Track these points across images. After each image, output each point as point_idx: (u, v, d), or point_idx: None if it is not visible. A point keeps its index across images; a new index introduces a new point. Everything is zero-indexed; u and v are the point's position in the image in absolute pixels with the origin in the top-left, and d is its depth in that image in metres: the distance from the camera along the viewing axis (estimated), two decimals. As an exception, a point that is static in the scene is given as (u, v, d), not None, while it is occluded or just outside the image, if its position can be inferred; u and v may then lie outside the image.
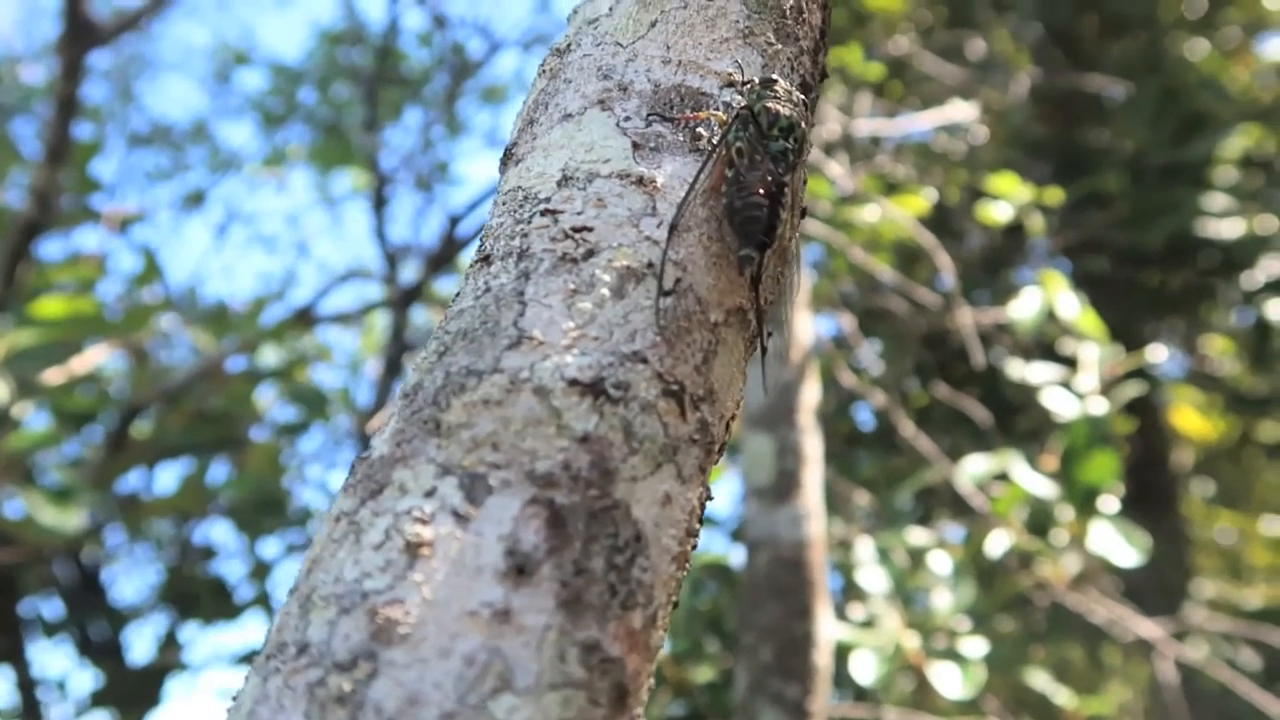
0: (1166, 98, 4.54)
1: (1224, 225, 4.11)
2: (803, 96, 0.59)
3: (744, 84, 0.59)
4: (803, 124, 0.58)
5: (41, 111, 5.69)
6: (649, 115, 0.58)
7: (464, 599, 0.43)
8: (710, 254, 0.55)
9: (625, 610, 0.45)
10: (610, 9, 0.63)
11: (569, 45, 0.63)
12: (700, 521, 0.52)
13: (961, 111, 3.56)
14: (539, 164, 0.58)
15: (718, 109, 0.59)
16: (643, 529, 0.47)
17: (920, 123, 3.51)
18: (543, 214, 0.55)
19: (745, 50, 0.61)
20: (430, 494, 0.46)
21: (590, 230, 0.53)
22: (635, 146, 0.57)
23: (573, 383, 0.48)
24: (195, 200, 6.38)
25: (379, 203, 5.93)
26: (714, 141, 0.58)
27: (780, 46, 0.62)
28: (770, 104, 0.57)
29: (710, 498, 0.54)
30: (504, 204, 0.58)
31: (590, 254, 0.53)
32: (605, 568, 0.45)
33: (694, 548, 0.52)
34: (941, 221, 3.97)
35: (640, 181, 0.55)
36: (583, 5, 0.65)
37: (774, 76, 0.59)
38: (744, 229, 0.55)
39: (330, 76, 6.45)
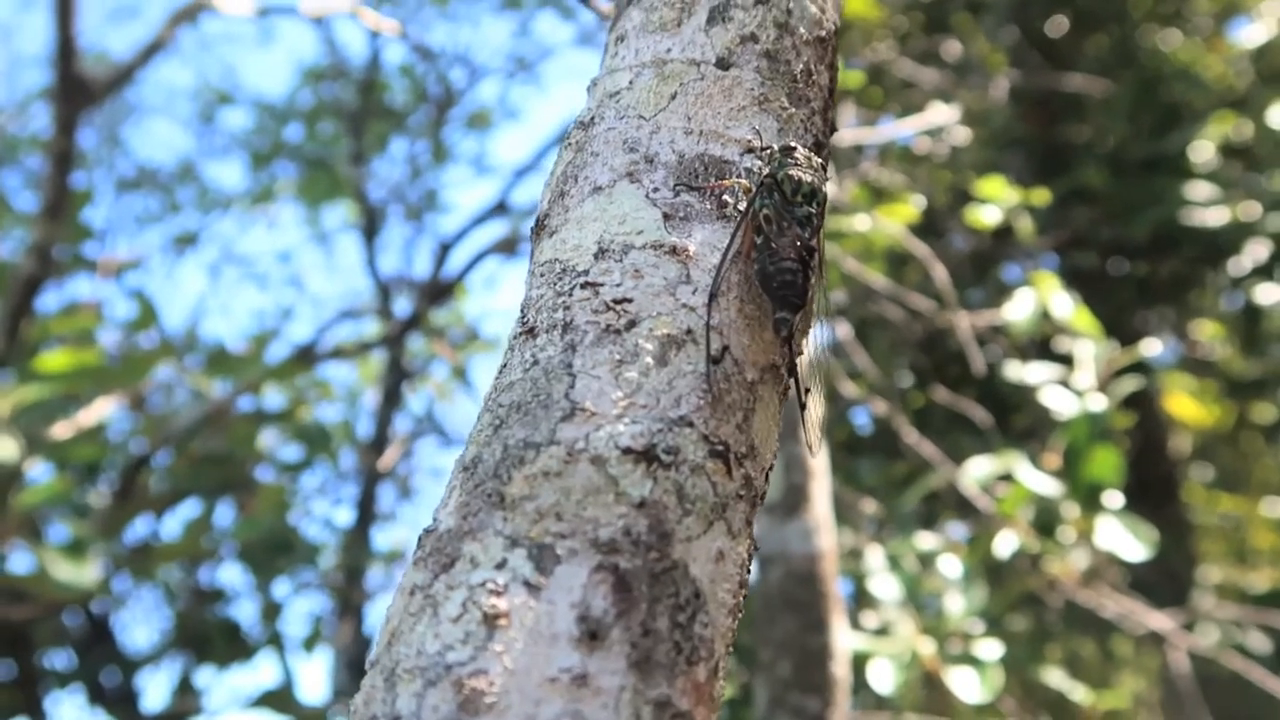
0: (1143, 91, 4.60)
1: (1208, 213, 4.16)
2: (820, 160, 0.62)
3: (763, 149, 0.62)
4: (823, 188, 0.61)
5: (29, 163, 5.70)
6: (676, 185, 0.61)
7: (543, 666, 0.45)
8: (745, 316, 0.58)
9: (690, 665, 0.48)
10: (630, 83, 0.66)
11: (593, 118, 0.66)
12: (749, 572, 0.55)
13: (942, 115, 3.60)
14: (574, 236, 0.61)
15: (740, 175, 0.62)
16: (701, 586, 0.50)
17: (902, 128, 3.55)
18: (583, 287, 0.58)
19: (761, 116, 0.64)
20: (501, 566, 0.49)
21: (630, 301, 0.56)
22: (666, 217, 0.60)
23: (627, 450, 0.51)
24: (187, 241, 6.40)
25: (370, 234, 5.96)
26: (740, 208, 0.61)
27: (794, 110, 0.65)
28: (793, 171, 0.60)
29: (756, 548, 0.56)
30: (542, 275, 0.61)
31: (632, 324, 0.56)
32: (670, 626, 0.48)
33: (744, 598, 0.55)
34: (928, 224, 4.01)
35: (674, 251, 0.58)
36: (602, 78, 0.68)
37: (793, 144, 0.62)
38: (779, 294, 0.58)
39: (315, 112, 6.48)
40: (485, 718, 0.44)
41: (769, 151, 0.62)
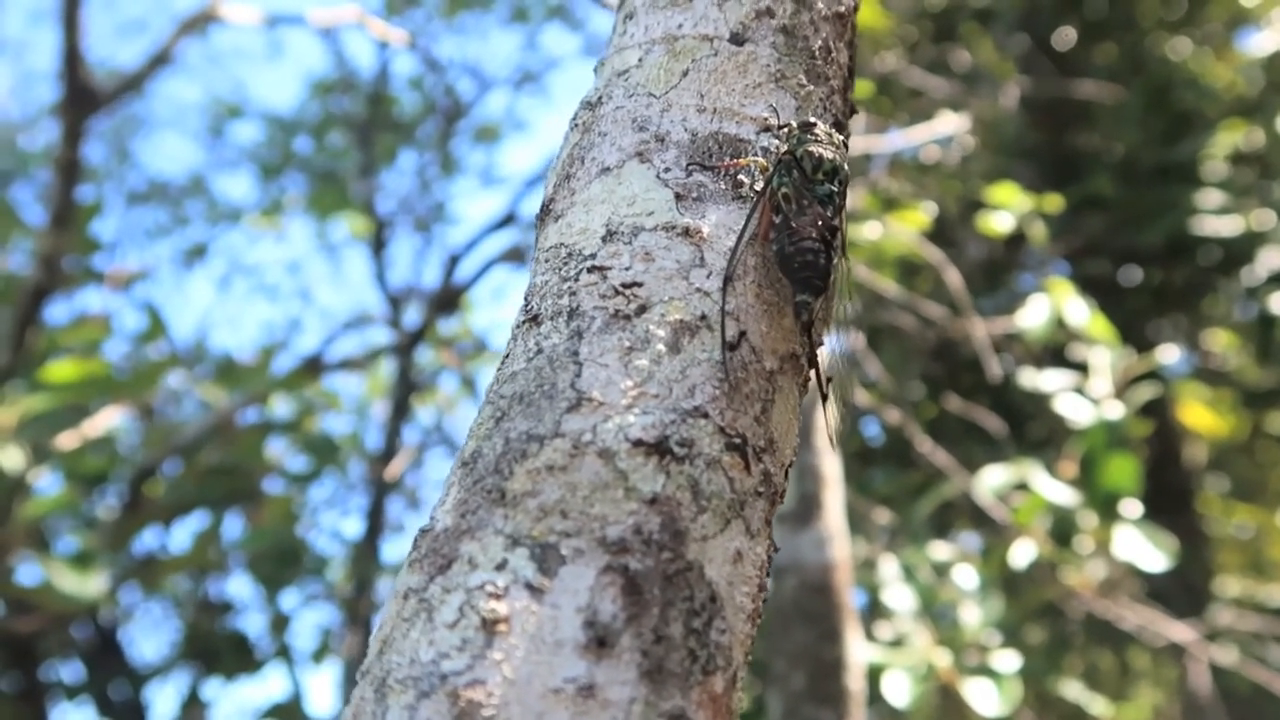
0: (1153, 98, 4.57)
1: (1221, 221, 4.12)
2: (841, 137, 0.59)
3: (781, 128, 0.59)
4: (845, 165, 0.58)
5: (40, 176, 5.73)
6: (689, 165, 0.58)
7: (546, 676, 0.42)
8: (763, 301, 0.54)
9: (706, 675, 0.44)
10: (640, 60, 0.63)
11: (600, 98, 0.63)
12: (769, 575, 0.51)
13: (952, 124, 3.57)
14: (580, 219, 0.57)
15: (756, 154, 0.59)
16: (717, 589, 0.46)
17: (912, 138, 3.52)
18: (590, 271, 0.54)
19: (778, 94, 0.61)
20: (501, 567, 0.45)
21: (640, 285, 0.53)
22: (678, 197, 0.56)
23: (637, 443, 0.48)
24: (196, 254, 6.40)
25: (378, 247, 5.96)
26: (756, 188, 0.57)
27: (812, 88, 0.62)
28: (812, 148, 0.57)
29: (776, 549, 0.53)
30: (547, 261, 0.58)
31: (642, 309, 0.52)
32: (684, 633, 0.44)
33: (764, 602, 0.51)
34: (939, 233, 3.98)
35: (686, 233, 0.55)
36: (610, 57, 0.65)
37: (812, 120, 0.58)
38: (799, 275, 0.54)
39: (324, 125, 6.49)
40: (483, 732, 0.40)
41: (787, 129, 0.59)
